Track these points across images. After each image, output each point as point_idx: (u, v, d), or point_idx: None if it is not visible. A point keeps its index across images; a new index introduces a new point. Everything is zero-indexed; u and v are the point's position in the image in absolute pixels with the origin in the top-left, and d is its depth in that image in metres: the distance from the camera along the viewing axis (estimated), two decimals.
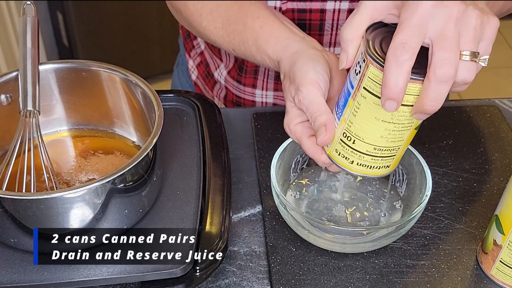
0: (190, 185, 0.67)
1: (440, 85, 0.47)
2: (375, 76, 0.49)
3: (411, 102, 0.49)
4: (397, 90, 0.47)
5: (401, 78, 0.47)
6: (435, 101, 0.48)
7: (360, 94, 0.51)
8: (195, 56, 0.97)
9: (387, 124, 0.52)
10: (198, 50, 0.96)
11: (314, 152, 0.59)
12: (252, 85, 0.90)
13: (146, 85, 0.66)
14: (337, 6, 0.78)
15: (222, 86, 0.93)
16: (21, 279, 0.57)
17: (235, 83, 0.91)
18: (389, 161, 0.56)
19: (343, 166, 0.57)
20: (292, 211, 0.62)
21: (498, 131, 0.82)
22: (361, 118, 0.52)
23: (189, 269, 0.59)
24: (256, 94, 0.91)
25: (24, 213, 0.56)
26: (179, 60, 1.05)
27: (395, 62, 0.47)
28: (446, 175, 0.74)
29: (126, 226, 0.61)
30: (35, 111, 0.64)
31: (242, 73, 0.89)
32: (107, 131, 0.74)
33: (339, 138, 0.55)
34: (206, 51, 0.94)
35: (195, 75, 0.99)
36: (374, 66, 0.49)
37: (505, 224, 0.58)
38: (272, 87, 0.89)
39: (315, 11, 0.79)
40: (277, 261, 0.64)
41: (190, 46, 0.98)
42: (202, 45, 0.95)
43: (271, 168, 0.65)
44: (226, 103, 0.95)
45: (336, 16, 0.79)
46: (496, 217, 0.59)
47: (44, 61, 0.68)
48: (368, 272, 0.63)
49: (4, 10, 1.79)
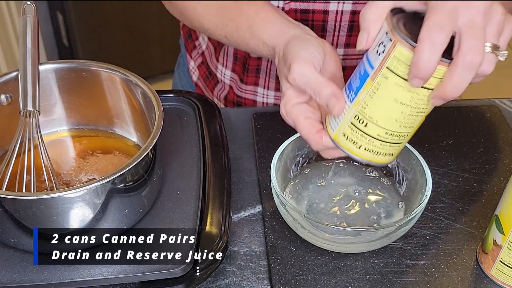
0: (190, 185, 0.67)
1: (466, 71, 0.48)
2: (402, 56, 0.49)
3: (433, 86, 0.50)
4: (428, 69, 0.48)
5: (434, 58, 0.48)
6: (457, 88, 0.49)
7: (381, 74, 0.51)
8: (196, 57, 0.97)
9: (405, 107, 0.52)
10: (199, 50, 0.96)
11: (310, 133, 0.58)
12: (254, 83, 0.90)
13: (146, 85, 0.66)
14: (340, 8, 0.78)
15: (225, 86, 0.93)
16: (21, 279, 0.57)
17: (238, 81, 0.91)
18: (394, 149, 0.56)
19: (348, 151, 0.56)
20: (292, 211, 0.62)
21: (498, 131, 0.82)
22: (378, 99, 0.52)
23: (189, 269, 0.59)
24: (257, 93, 0.91)
25: (24, 213, 0.56)
26: (180, 61, 1.05)
27: (430, 42, 0.47)
28: (446, 175, 0.74)
29: (126, 226, 0.61)
30: (35, 111, 0.64)
31: (245, 71, 0.89)
32: (107, 131, 0.74)
33: (350, 121, 0.55)
34: (207, 51, 0.95)
35: (196, 76, 0.99)
36: (403, 46, 0.49)
37: (505, 224, 0.58)
38: (274, 86, 0.89)
39: (318, 12, 0.79)
40: (277, 261, 0.64)
41: (191, 46, 0.98)
42: (204, 45, 0.95)
43: (271, 168, 0.65)
44: (226, 104, 0.95)
45: (339, 17, 0.79)
46: (496, 217, 0.59)
47: (44, 61, 0.68)
48: (368, 272, 0.63)
49: (4, 10, 1.79)
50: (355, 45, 0.54)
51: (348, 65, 0.85)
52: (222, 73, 0.92)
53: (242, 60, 0.88)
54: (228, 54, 0.90)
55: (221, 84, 0.94)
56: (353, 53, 0.84)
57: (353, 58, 0.84)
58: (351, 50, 0.83)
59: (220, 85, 0.94)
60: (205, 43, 0.95)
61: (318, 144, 0.58)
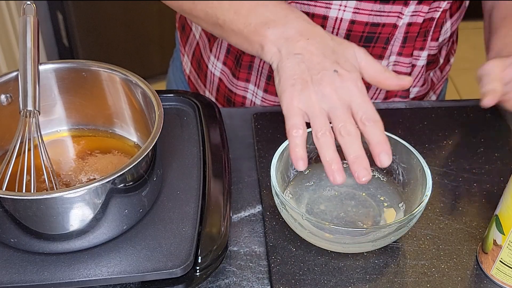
0: (190, 185, 0.67)
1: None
2: None
3: None
4: None
5: None
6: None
7: None
8: (189, 50, 0.97)
9: None
10: (193, 43, 0.96)
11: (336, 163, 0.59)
12: (245, 80, 0.90)
13: (146, 85, 0.66)
14: (340, 15, 0.78)
15: (214, 78, 0.93)
16: (21, 279, 0.57)
17: (230, 75, 0.91)
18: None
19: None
20: (292, 211, 0.62)
21: (498, 131, 0.82)
22: None
23: (189, 269, 0.59)
24: (248, 89, 0.91)
25: (24, 213, 0.56)
26: (175, 55, 1.05)
27: None
28: (446, 175, 0.74)
29: (126, 226, 0.61)
30: (35, 111, 0.64)
31: (237, 67, 0.89)
32: (107, 131, 0.74)
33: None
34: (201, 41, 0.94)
35: (188, 69, 0.99)
36: None
37: (505, 224, 0.58)
38: (263, 86, 0.89)
39: (317, 16, 0.79)
40: (277, 261, 0.64)
41: (185, 39, 0.98)
42: (197, 35, 0.95)
43: (271, 168, 0.65)
44: (217, 97, 0.95)
45: (338, 25, 0.79)
46: (496, 217, 0.59)
47: (44, 61, 0.68)
48: (368, 272, 0.63)
49: (4, 10, 1.79)
50: None
51: None
52: (213, 65, 0.92)
53: (235, 54, 0.88)
54: (221, 46, 0.89)
55: (210, 76, 0.94)
56: None
57: None
58: None
59: (210, 78, 0.94)
60: (198, 33, 0.94)
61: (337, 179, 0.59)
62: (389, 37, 0.82)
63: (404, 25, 0.81)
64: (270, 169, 0.65)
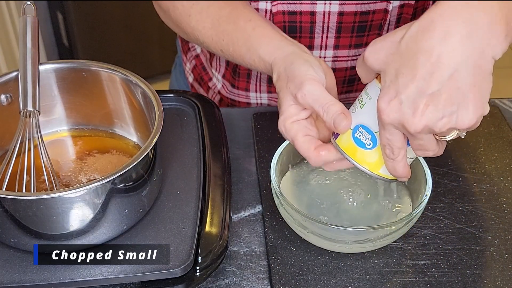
0: (190, 185, 0.67)
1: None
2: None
3: None
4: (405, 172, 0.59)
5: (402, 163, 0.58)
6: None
7: None
8: (190, 59, 0.97)
9: None
10: (193, 53, 0.96)
11: (309, 150, 0.60)
12: (245, 89, 0.90)
13: (146, 85, 0.66)
14: (327, 9, 0.78)
15: (217, 89, 0.93)
16: (21, 279, 0.57)
17: (229, 86, 0.91)
18: None
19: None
20: (292, 211, 0.62)
21: (498, 131, 0.82)
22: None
23: (189, 269, 0.59)
24: (250, 97, 0.91)
25: (24, 213, 0.56)
26: (177, 61, 1.05)
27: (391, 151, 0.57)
28: (446, 175, 0.74)
29: (126, 226, 0.61)
30: (35, 111, 0.64)
31: (236, 76, 0.89)
32: (107, 131, 0.74)
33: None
34: (202, 54, 0.94)
35: (191, 78, 0.99)
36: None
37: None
38: (266, 89, 0.89)
39: (305, 13, 0.79)
40: (277, 261, 0.64)
41: (186, 48, 0.98)
42: (198, 48, 0.95)
43: (271, 168, 0.65)
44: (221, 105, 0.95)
45: (327, 18, 0.79)
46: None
47: (44, 61, 0.68)
48: (368, 272, 0.63)
49: (4, 10, 1.79)
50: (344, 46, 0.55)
51: (337, 67, 0.85)
52: (216, 77, 0.93)
53: (232, 66, 0.88)
54: (220, 60, 0.90)
55: (213, 87, 0.94)
56: (342, 55, 0.84)
57: (342, 60, 0.84)
58: (340, 52, 0.83)
59: (212, 88, 0.94)
60: (199, 47, 0.94)
61: (317, 160, 0.60)
62: (382, 23, 0.81)
63: (396, 8, 0.80)
64: (270, 169, 0.65)
